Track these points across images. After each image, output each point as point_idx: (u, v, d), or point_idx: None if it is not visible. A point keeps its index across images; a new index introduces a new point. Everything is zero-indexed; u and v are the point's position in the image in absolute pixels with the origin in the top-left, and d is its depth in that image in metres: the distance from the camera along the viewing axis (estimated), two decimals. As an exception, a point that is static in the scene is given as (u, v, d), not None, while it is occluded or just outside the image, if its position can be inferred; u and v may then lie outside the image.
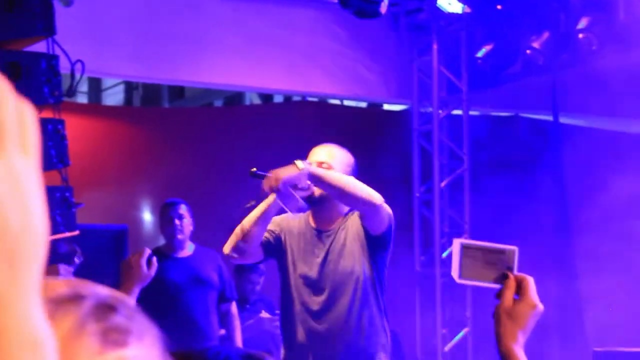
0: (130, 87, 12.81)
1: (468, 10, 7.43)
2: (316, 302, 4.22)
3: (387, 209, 4.23)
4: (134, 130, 8.16)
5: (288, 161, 7.99)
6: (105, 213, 7.66)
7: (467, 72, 7.87)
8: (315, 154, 4.33)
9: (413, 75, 8.05)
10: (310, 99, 9.09)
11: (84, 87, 12.61)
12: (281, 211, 4.22)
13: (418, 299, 7.91)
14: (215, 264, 6.01)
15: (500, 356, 1.92)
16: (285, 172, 4.09)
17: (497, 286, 2.04)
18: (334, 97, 8.84)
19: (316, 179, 4.10)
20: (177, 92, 11.84)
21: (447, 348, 7.76)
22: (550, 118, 8.15)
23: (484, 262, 2.10)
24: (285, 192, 4.07)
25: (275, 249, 4.33)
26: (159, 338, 0.91)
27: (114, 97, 13.30)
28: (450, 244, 7.77)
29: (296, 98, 9.53)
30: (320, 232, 4.30)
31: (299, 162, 4.13)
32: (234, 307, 6.14)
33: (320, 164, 4.22)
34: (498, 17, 7.43)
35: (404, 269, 7.89)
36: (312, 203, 4.24)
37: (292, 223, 4.37)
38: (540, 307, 1.95)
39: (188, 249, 6.04)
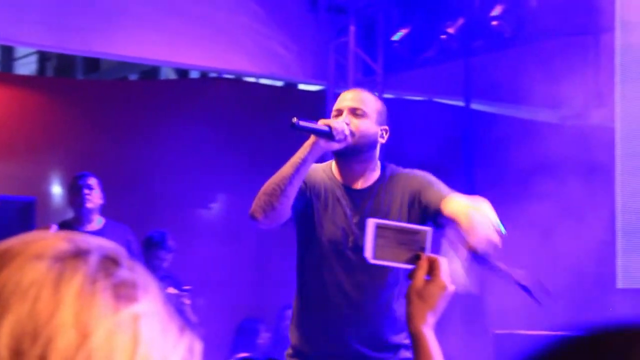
0: (43, 57, 12.58)
1: (386, -7, 7.49)
2: (346, 275, 3.55)
3: None
4: (47, 101, 8.02)
5: (204, 137, 7.99)
6: (13, 184, 7.54)
7: (383, 55, 7.92)
8: (345, 100, 3.63)
9: (329, 56, 8.07)
10: (226, 75, 9.05)
11: (-5, 55, 12.34)
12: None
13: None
14: (124, 239, 5.96)
15: (410, 336, 1.92)
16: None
17: (410, 267, 2.04)
18: (251, 75, 8.81)
19: None
20: (92, 64, 11.67)
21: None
22: (462, 104, 8.27)
23: (397, 242, 2.10)
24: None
25: (302, 207, 3.62)
26: (159, 288, 0.92)
27: (26, 67, 13.05)
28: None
29: (212, 74, 9.48)
30: (351, 190, 3.63)
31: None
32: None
33: (353, 110, 3.55)
34: (415, 1, 7.49)
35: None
36: (347, 154, 3.55)
37: (314, 175, 3.66)
38: (451, 288, 1.95)
39: (96, 223, 5.98)
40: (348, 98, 3.63)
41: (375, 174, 3.64)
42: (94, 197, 5.94)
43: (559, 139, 6.64)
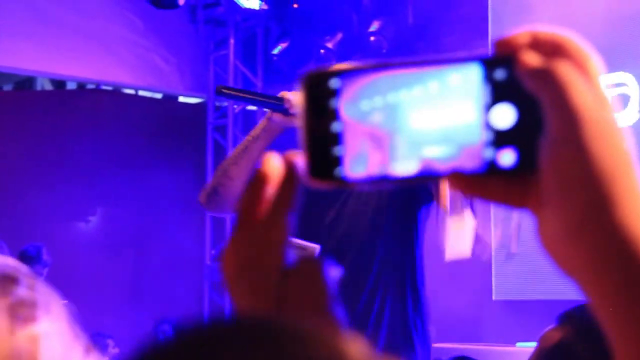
0: None
1: (265, 7, 7.52)
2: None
3: None
4: None
5: (81, 149, 7.85)
6: None
7: (262, 68, 7.95)
8: None
9: (209, 68, 8.06)
10: (104, 87, 8.92)
11: None
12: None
13: (207, 292, 7.92)
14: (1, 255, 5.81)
15: None
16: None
17: None
18: (129, 87, 8.71)
19: None
20: (-36, 73, 11.34)
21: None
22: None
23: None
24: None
25: None
26: (63, 305, 0.87)
27: None
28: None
29: (90, 86, 9.34)
30: None
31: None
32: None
33: None
34: (294, 16, 7.55)
35: (193, 262, 7.90)
36: None
37: None
38: None
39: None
40: None
41: None
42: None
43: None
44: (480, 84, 0.61)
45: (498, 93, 0.61)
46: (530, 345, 4.66)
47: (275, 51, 7.53)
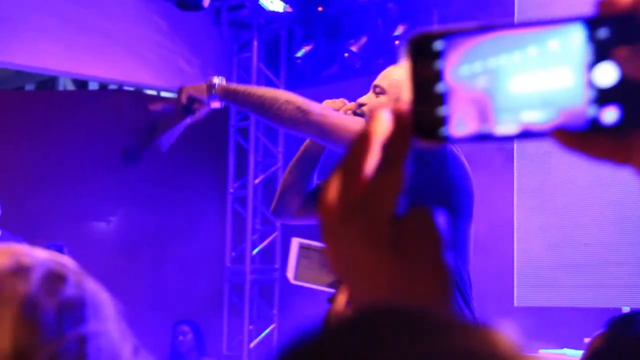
0: None
1: (289, 9, 7.51)
2: None
3: (339, 122, 2.93)
4: (-62, 110, 7.79)
5: (103, 149, 7.86)
6: None
7: (285, 71, 7.94)
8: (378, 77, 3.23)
9: (232, 70, 8.05)
10: (126, 88, 8.93)
11: None
12: None
13: (227, 294, 7.91)
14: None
15: None
16: (192, 87, 3.19)
17: (331, 290, 1.96)
18: (151, 88, 8.71)
19: (227, 98, 3.13)
20: (-14, 73, 11.38)
21: (252, 344, 7.80)
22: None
23: (320, 264, 2.01)
24: (186, 107, 3.16)
25: None
26: (111, 301, 0.85)
27: None
28: (261, 240, 7.82)
29: (112, 86, 9.35)
30: None
31: (215, 78, 3.17)
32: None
33: (374, 88, 3.15)
34: (319, 19, 7.54)
35: (214, 263, 7.88)
36: None
37: None
38: None
39: (-7, 236, 5.83)
40: (381, 74, 3.20)
41: None
42: (-9, 211, 5.79)
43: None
44: (583, 44, 0.62)
45: (601, 52, 0.62)
46: (554, 353, 4.62)
47: (299, 54, 7.52)
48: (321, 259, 2.00)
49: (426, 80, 0.66)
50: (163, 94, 9.30)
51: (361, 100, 3.11)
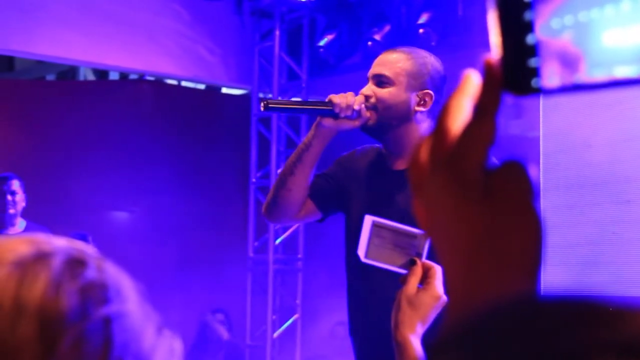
0: (-45, 56, 12.24)
1: (312, -2, 7.48)
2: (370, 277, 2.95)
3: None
4: (-40, 100, 7.80)
5: (124, 139, 7.86)
6: None
7: (308, 60, 7.90)
8: (372, 66, 3.09)
9: (254, 60, 8.02)
10: (147, 77, 8.92)
11: None
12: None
13: (250, 284, 7.90)
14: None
15: (395, 344, 1.82)
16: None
17: (403, 271, 1.93)
18: (173, 77, 8.70)
19: None
20: (6, 63, 11.39)
21: (276, 334, 7.79)
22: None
23: (393, 244, 1.98)
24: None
25: (336, 201, 3.14)
26: (134, 284, 0.86)
27: (-63, 64, 12.66)
28: (284, 230, 7.80)
29: (133, 76, 9.34)
30: (391, 173, 3.07)
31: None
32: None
33: (377, 77, 3.04)
34: (341, 7, 7.49)
35: (237, 254, 7.87)
36: (377, 132, 3.04)
37: (360, 162, 3.16)
38: (444, 298, 1.84)
39: (19, 226, 5.86)
40: (374, 63, 3.07)
41: None
42: (18, 202, 5.82)
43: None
44: None
45: None
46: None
47: (322, 43, 7.47)
48: (394, 239, 1.97)
49: (516, 31, 0.65)
50: (184, 83, 9.29)
51: (365, 92, 3.02)
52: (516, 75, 0.66)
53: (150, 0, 7.51)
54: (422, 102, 3.02)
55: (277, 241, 7.80)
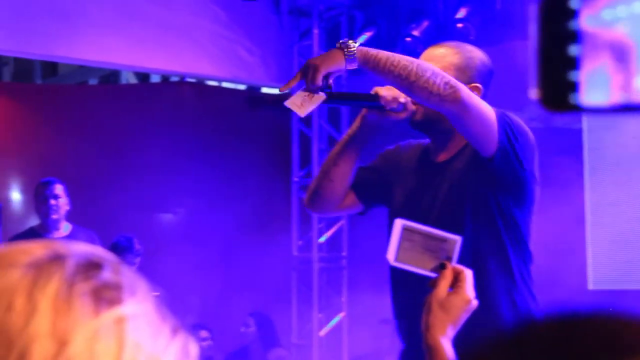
0: (0, 62, 12.39)
1: (349, -5, 7.49)
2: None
3: (479, 107, 2.77)
4: (5, 106, 7.89)
5: (166, 141, 7.91)
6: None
7: (347, 58, 7.88)
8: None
9: (293, 59, 8.03)
10: (188, 79, 8.97)
11: (-50, 60, 12.13)
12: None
13: (295, 283, 7.92)
14: (92, 245, 5.89)
15: (426, 347, 1.85)
16: (324, 59, 2.78)
17: (433, 275, 1.95)
18: (213, 79, 8.74)
19: (367, 64, 2.80)
20: (50, 69, 11.52)
21: (322, 332, 7.80)
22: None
23: (423, 248, 1.99)
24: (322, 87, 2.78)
25: (379, 194, 3.12)
26: (150, 289, 0.87)
27: (-18, 72, 12.84)
28: (328, 228, 7.81)
29: (174, 78, 9.40)
30: (435, 165, 3.02)
31: (351, 42, 2.83)
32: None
33: None
34: (379, 4, 7.48)
35: (281, 253, 7.89)
36: (422, 125, 2.99)
37: (404, 156, 3.13)
38: (474, 302, 1.88)
39: (63, 230, 5.91)
40: (421, 58, 2.95)
41: (462, 141, 2.93)
42: (61, 206, 5.88)
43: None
44: None
45: None
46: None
47: (360, 40, 7.46)
48: (424, 243, 1.97)
49: (558, 40, 0.61)
50: (224, 84, 9.33)
51: None
52: (553, 89, 0.61)
53: (189, 3, 7.55)
54: None
55: (321, 239, 7.81)
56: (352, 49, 2.77)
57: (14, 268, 0.82)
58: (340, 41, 2.81)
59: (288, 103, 2.83)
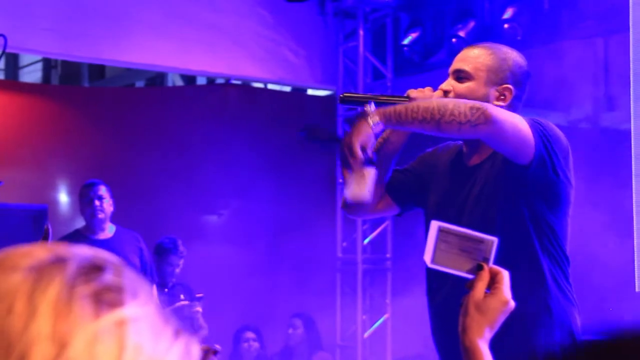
0: (48, 66, 12.54)
1: (395, -3, 7.46)
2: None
3: (512, 121, 2.79)
4: (53, 109, 7.97)
5: (212, 143, 7.95)
6: (22, 192, 7.49)
7: (392, 59, 7.88)
8: (455, 61, 3.04)
9: (338, 60, 8.03)
10: (234, 81, 9.01)
11: (0, 63, 12.32)
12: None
13: (339, 284, 7.91)
14: (136, 246, 5.93)
15: (463, 349, 1.82)
16: (353, 134, 2.82)
17: (469, 276, 1.94)
18: (258, 81, 8.78)
19: (391, 122, 2.78)
20: (98, 72, 11.64)
21: (366, 334, 7.78)
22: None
23: (460, 249, 1.98)
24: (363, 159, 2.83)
25: (415, 196, 3.17)
26: (152, 292, 0.87)
27: (31, 75, 13.01)
28: (372, 230, 7.79)
29: (219, 80, 9.44)
30: (467, 168, 3.05)
31: (367, 109, 2.81)
32: (154, 291, 6.07)
33: (456, 73, 3.00)
34: (424, 5, 7.45)
35: (325, 254, 7.89)
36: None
37: (441, 159, 3.17)
38: (512, 304, 1.86)
39: (108, 231, 5.95)
40: (455, 59, 3.03)
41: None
42: (105, 208, 5.92)
43: (570, 142, 6.58)
44: None
45: None
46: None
47: (406, 41, 7.44)
48: (461, 244, 1.96)
49: None
50: (270, 86, 9.35)
51: (444, 87, 2.99)
52: None
53: (235, 5, 7.58)
54: (501, 97, 2.99)
55: (365, 241, 7.79)
56: (373, 115, 2.78)
57: (15, 271, 0.82)
58: (359, 112, 2.83)
59: (348, 195, 2.93)
